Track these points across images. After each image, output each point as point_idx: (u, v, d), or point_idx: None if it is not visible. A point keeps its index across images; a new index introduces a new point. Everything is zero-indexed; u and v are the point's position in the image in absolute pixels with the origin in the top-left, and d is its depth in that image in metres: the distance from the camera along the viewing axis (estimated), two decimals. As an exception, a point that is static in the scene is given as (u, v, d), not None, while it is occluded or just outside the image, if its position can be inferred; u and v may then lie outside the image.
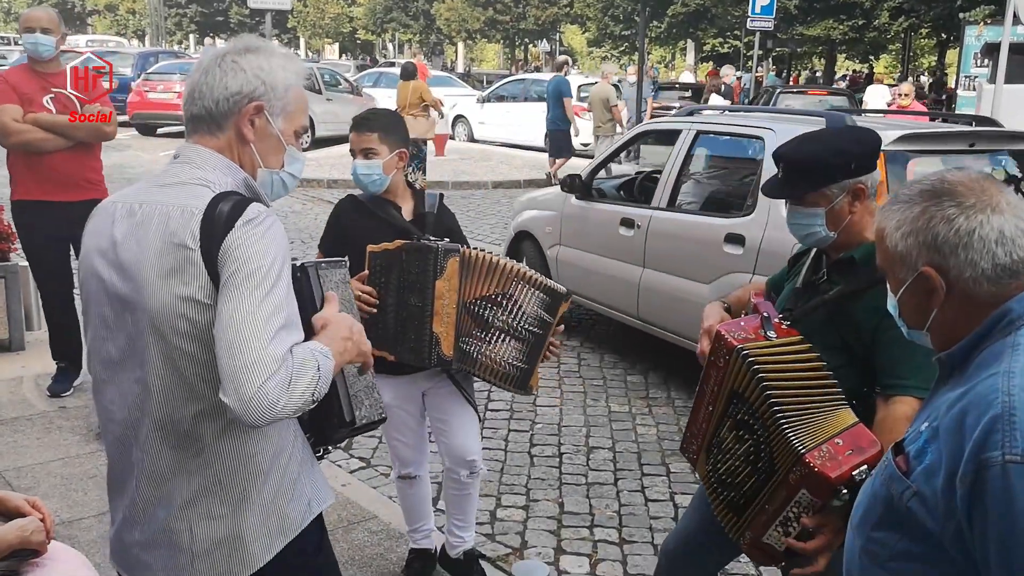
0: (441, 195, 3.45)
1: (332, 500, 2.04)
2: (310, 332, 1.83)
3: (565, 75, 15.20)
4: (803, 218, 2.37)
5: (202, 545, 1.82)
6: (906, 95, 11.17)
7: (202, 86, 1.83)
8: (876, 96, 18.71)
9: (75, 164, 4.91)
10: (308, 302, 1.92)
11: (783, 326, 2.31)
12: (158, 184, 1.85)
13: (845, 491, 1.99)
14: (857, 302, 2.31)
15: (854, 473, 2.02)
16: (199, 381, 1.75)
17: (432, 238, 3.14)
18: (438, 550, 3.71)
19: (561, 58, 17.70)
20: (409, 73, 13.66)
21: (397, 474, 3.57)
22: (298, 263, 1.94)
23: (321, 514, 2.00)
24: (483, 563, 3.71)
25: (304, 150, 2.20)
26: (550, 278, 3.25)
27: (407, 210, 3.29)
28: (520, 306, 3.09)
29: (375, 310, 3.09)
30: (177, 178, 1.83)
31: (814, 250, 2.52)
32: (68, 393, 5.18)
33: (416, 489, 3.59)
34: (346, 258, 2.19)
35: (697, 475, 2.56)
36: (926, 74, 39.79)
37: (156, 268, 1.74)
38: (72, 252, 5.02)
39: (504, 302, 3.09)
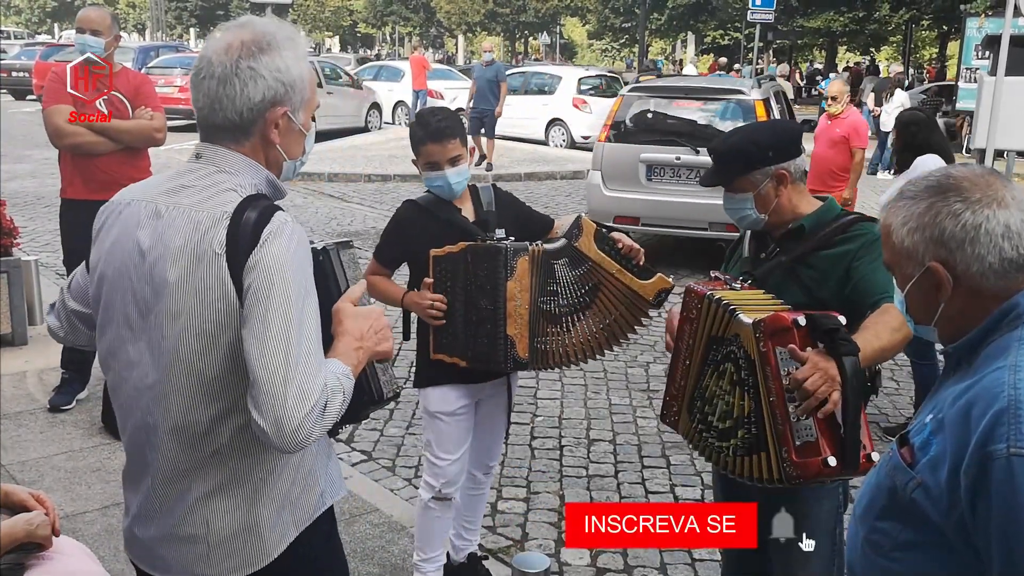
0: (494, 184, 3.35)
1: (344, 492, 2.06)
2: (327, 319, 1.82)
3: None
4: (735, 203, 2.62)
5: (218, 536, 1.83)
6: (834, 99, 7.63)
7: (222, 97, 1.77)
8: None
9: (123, 165, 4.82)
10: (333, 288, 1.90)
11: (745, 285, 2.52)
12: (182, 184, 1.83)
13: (804, 321, 2.12)
14: (815, 260, 2.53)
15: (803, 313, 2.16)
16: (219, 385, 1.74)
17: (499, 236, 3.04)
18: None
19: (722, 59, 18.55)
20: (647, 69, 14.90)
21: (434, 494, 3.26)
22: (319, 246, 1.91)
23: (332, 506, 2.02)
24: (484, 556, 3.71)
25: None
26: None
27: (468, 210, 3.18)
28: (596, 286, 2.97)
29: (443, 320, 3.00)
30: (202, 180, 1.81)
31: (748, 234, 2.73)
32: (69, 407, 5.00)
33: (447, 512, 3.35)
34: (351, 239, 2.15)
35: (682, 436, 2.61)
36: (925, 66, 39.65)
37: (181, 273, 1.73)
38: None
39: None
